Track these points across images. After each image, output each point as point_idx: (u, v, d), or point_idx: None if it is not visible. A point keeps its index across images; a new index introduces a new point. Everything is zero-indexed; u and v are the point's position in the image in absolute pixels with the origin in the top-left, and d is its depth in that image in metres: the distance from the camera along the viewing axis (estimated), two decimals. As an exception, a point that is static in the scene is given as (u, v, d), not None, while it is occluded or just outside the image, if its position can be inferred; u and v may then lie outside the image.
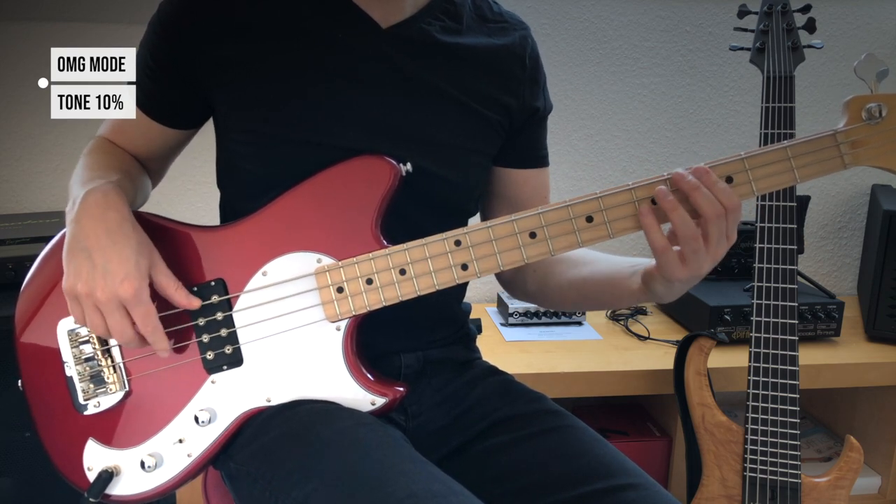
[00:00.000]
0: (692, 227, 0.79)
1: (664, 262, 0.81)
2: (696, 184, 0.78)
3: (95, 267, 0.80)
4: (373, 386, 0.88)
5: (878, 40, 2.05)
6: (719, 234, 0.79)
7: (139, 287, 0.80)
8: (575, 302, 1.04)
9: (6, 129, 1.78)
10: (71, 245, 0.82)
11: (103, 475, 0.88)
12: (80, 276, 0.81)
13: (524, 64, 1.00)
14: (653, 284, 0.87)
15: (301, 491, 0.77)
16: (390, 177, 0.87)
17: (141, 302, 0.80)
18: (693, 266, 0.81)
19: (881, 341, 1.76)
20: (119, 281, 0.79)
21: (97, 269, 0.80)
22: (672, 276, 0.82)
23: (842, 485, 1.35)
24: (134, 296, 0.80)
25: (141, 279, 0.81)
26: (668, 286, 0.85)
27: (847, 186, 2.13)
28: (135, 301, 0.80)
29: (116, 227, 0.82)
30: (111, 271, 0.80)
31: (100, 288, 0.80)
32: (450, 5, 0.97)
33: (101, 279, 0.80)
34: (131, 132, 0.99)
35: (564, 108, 1.97)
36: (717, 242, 0.80)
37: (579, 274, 1.00)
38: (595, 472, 0.86)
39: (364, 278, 0.86)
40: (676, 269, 0.81)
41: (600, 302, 1.00)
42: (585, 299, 1.01)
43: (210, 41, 0.90)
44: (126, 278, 0.80)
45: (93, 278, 0.80)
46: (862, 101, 0.81)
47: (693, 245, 0.79)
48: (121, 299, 0.80)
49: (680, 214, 0.79)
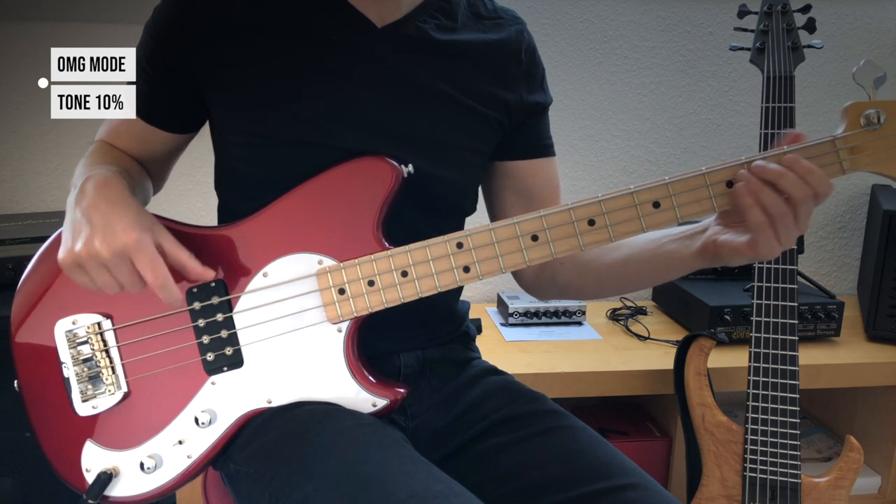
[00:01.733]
0: (783, 205, 0.79)
1: (763, 239, 0.80)
2: (781, 170, 0.79)
3: (94, 227, 0.79)
4: (374, 387, 0.88)
5: (879, 40, 2.05)
6: (808, 212, 0.80)
7: (140, 235, 0.78)
8: (616, 286, 1.02)
9: (6, 129, 1.78)
10: (70, 221, 0.81)
11: (102, 477, 0.88)
12: (77, 238, 0.79)
13: (520, 59, 1.00)
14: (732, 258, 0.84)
15: (301, 492, 0.77)
16: (392, 178, 0.87)
17: (144, 249, 0.78)
18: (785, 240, 0.81)
19: (881, 341, 1.76)
20: (119, 231, 0.78)
21: (96, 228, 0.78)
22: (770, 252, 0.81)
23: (842, 485, 1.35)
24: (137, 241, 0.78)
25: (141, 230, 0.79)
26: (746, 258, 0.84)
27: (847, 186, 2.13)
28: (137, 247, 0.78)
29: (116, 197, 0.81)
30: (110, 225, 0.78)
31: (99, 241, 0.78)
32: (445, 3, 0.97)
33: (101, 234, 0.78)
34: (128, 136, 0.98)
35: (564, 108, 1.97)
36: (805, 219, 0.80)
37: (618, 257, 0.98)
38: (595, 472, 0.86)
39: (366, 280, 0.86)
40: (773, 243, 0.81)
41: (646, 279, 0.98)
42: (628, 281, 0.99)
43: (205, 43, 0.90)
44: (126, 228, 0.78)
45: (92, 236, 0.78)
46: (860, 107, 0.81)
47: (786, 220, 0.79)
48: (124, 247, 0.78)
49: (768, 193, 0.79)
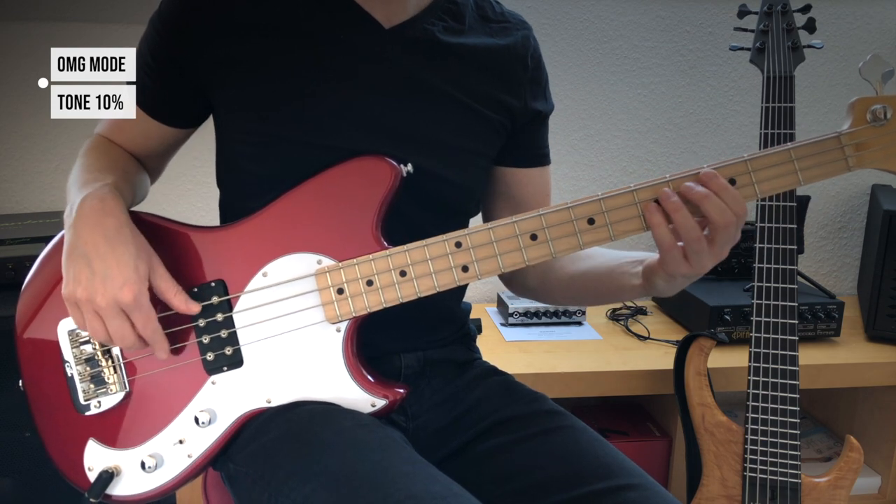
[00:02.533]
0: (696, 230, 0.80)
1: (669, 259, 0.82)
2: (706, 193, 0.79)
3: (95, 273, 0.80)
4: (373, 387, 0.88)
5: (879, 40, 2.05)
6: (726, 238, 0.80)
7: (138, 292, 0.80)
8: (576, 296, 1.05)
9: (6, 129, 1.78)
10: (69, 251, 0.83)
11: (104, 475, 0.88)
12: (79, 282, 0.81)
13: (526, 64, 1.00)
14: (654, 279, 0.87)
15: (300, 492, 0.77)
16: (391, 177, 0.87)
17: (141, 307, 0.81)
18: (696, 264, 0.82)
19: (881, 341, 1.76)
20: (118, 287, 0.80)
21: (97, 276, 0.80)
22: (676, 271, 0.83)
23: (842, 485, 1.35)
24: (133, 300, 0.80)
25: (140, 284, 0.81)
26: (670, 281, 0.86)
27: (847, 186, 2.13)
28: (134, 306, 0.80)
29: (115, 232, 0.82)
30: (110, 277, 0.80)
31: (99, 294, 0.80)
32: (452, 5, 0.97)
33: (101, 285, 0.80)
34: (129, 130, 0.99)
35: (564, 108, 1.97)
36: (723, 245, 0.81)
37: (581, 267, 1.00)
38: (595, 473, 0.86)
39: (364, 279, 0.86)
40: (681, 265, 0.82)
41: (601, 295, 1.00)
42: (587, 293, 1.02)
43: (211, 40, 0.90)
44: (125, 284, 0.80)
45: (92, 284, 0.80)
46: (867, 102, 0.80)
47: (696, 246, 0.80)
48: (121, 305, 0.80)
49: (683, 215, 0.79)
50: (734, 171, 0.81)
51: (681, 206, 0.79)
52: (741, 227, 0.81)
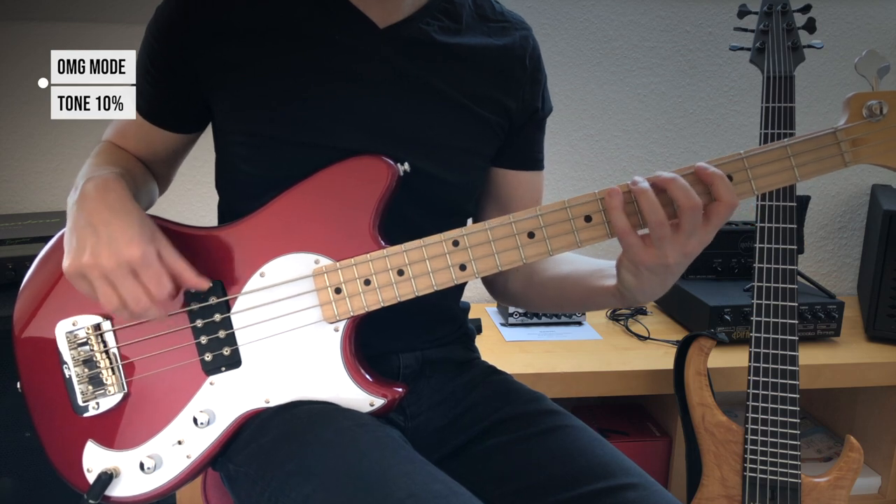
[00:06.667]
0: (660, 213, 0.78)
1: (627, 244, 0.81)
2: (673, 176, 0.78)
3: (100, 238, 0.79)
4: (371, 387, 0.88)
5: (879, 40, 2.04)
6: (692, 226, 0.78)
7: (146, 249, 0.79)
8: (554, 301, 1.03)
9: (6, 129, 1.78)
10: (73, 227, 0.82)
11: (103, 477, 0.88)
12: (83, 249, 0.79)
13: (524, 65, 1.00)
14: (622, 273, 0.86)
15: (299, 492, 0.77)
16: (387, 177, 0.87)
17: (150, 264, 0.79)
18: (657, 252, 0.80)
19: (881, 341, 1.76)
20: (125, 244, 0.78)
21: (101, 240, 0.79)
22: (637, 258, 0.81)
23: (842, 485, 1.35)
24: (142, 257, 0.79)
25: (146, 243, 0.79)
26: (636, 274, 0.84)
27: (847, 186, 2.13)
28: (143, 262, 0.79)
29: (118, 204, 0.81)
30: (115, 238, 0.79)
31: (105, 255, 0.78)
32: (449, 5, 0.97)
33: (106, 247, 0.79)
34: (133, 137, 0.99)
35: (564, 108, 1.97)
36: (689, 234, 0.79)
37: (561, 271, 1.00)
38: (595, 472, 0.86)
39: (362, 279, 0.86)
40: (641, 252, 0.80)
41: (578, 300, 0.99)
42: (564, 298, 1.00)
43: (207, 44, 0.90)
44: (131, 241, 0.79)
45: (97, 248, 0.79)
46: (863, 98, 0.80)
47: (659, 231, 0.78)
48: (129, 262, 0.79)
49: (648, 197, 0.78)
50: (731, 167, 0.80)
51: (646, 190, 0.78)
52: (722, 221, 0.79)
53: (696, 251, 0.81)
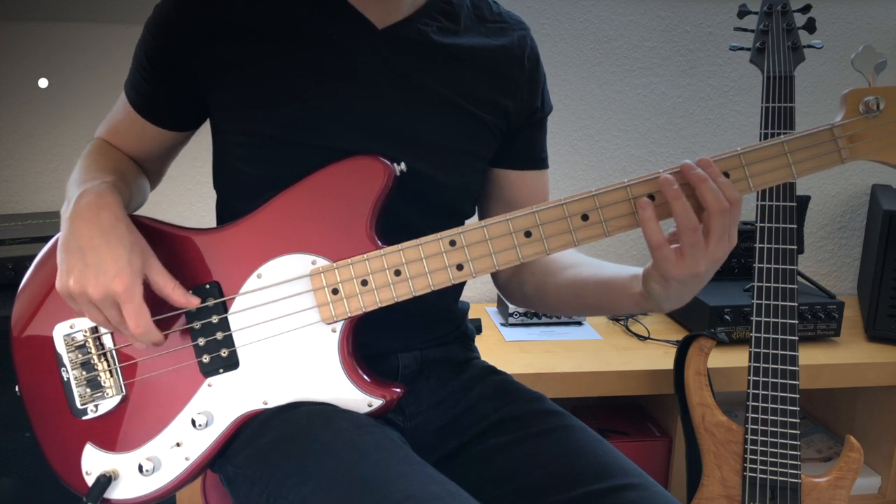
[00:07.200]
0: (693, 219, 0.77)
1: (660, 256, 0.79)
2: (704, 176, 0.77)
3: (88, 265, 0.80)
4: (369, 387, 0.87)
5: (878, 40, 2.04)
6: (721, 230, 0.78)
7: (130, 284, 0.80)
8: (571, 304, 1.02)
9: (6, 129, 1.78)
10: (64, 244, 0.82)
11: (101, 480, 0.88)
12: (72, 274, 0.80)
13: (523, 65, 1.00)
14: (650, 284, 0.84)
15: (298, 493, 0.77)
16: (384, 177, 0.86)
17: (132, 299, 0.80)
18: (690, 262, 0.79)
19: (881, 341, 1.76)
20: (111, 277, 0.79)
21: (89, 268, 0.80)
22: (668, 272, 0.80)
23: (842, 485, 1.35)
24: (125, 291, 0.79)
25: (133, 276, 0.80)
26: (664, 286, 0.83)
27: (847, 186, 2.13)
28: (126, 297, 0.80)
29: (110, 227, 0.82)
30: (103, 269, 0.80)
31: (91, 285, 0.79)
32: (447, 6, 0.97)
33: (93, 277, 0.80)
34: (127, 134, 0.99)
35: (564, 108, 1.96)
36: (719, 240, 0.78)
37: (578, 275, 0.98)
38: (595, 472, 0.86)
39: (359, 279, 0.85)
40: (673, 265, 0.79)
41: (597, 305, 0.97)
42: (582, 302, 0.99)
43: (206, 43, 0.90)
44: (118, 275, 0.79)
45: (85, 276, 0.80)
46: (860, 94, 0.79)
47: (692, 237, 0.77)
48: (113, 295, 0.80)
49: (683, 204, 0.77)
50: (727, 164, 0.80)
51: (681, 194, 0.78)
52: (737, 221, 0.79)
53: (724, 257, 0.80)
